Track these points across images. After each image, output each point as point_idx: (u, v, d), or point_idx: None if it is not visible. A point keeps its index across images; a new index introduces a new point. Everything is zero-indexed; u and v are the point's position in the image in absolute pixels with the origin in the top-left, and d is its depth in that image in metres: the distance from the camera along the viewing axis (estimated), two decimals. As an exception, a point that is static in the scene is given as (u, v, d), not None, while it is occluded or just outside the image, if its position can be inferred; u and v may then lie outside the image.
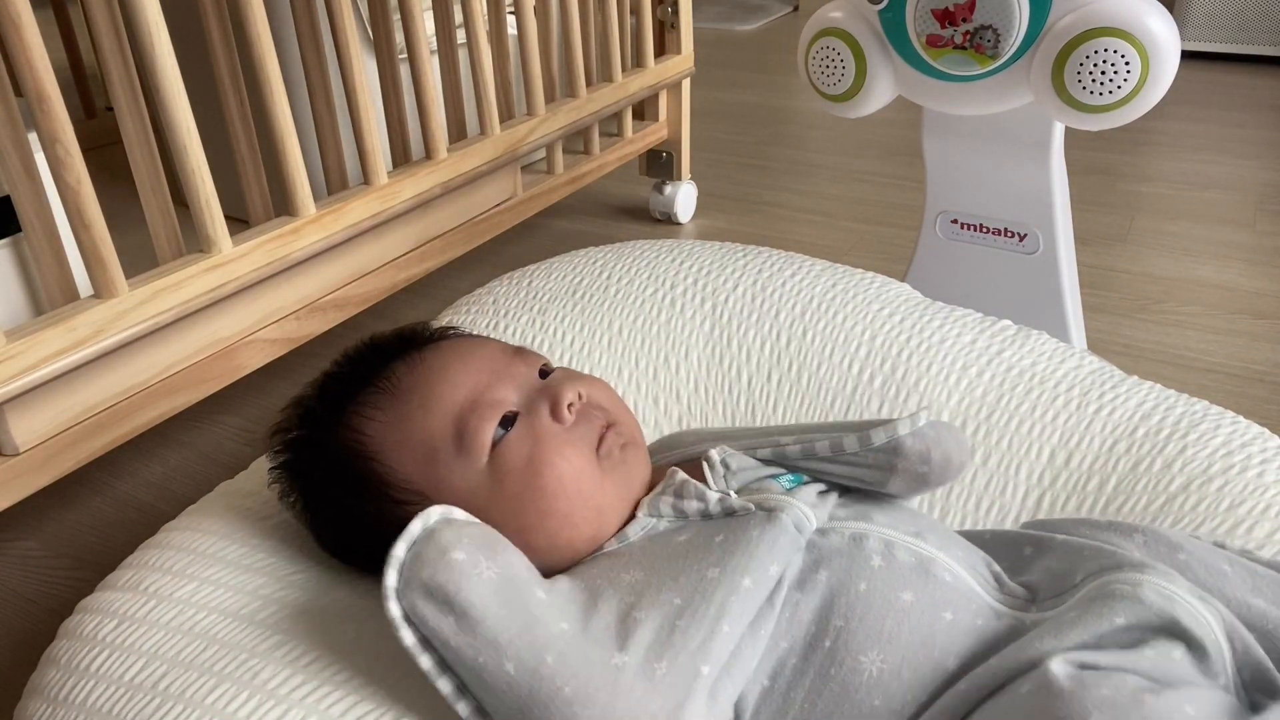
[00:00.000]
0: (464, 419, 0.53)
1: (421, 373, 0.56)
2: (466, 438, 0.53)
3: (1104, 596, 0.48)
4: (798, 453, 0.59)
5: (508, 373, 0.56)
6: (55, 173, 0.71)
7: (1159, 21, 0.71)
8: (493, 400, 0.54)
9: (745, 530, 0.51)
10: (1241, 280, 1.28)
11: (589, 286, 0.85)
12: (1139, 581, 0.48)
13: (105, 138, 1.48)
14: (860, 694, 0.48)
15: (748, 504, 0.54)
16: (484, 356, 0.57)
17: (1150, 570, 0.49)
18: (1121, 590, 0.48)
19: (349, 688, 0.48)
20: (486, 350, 0.58)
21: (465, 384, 0.55)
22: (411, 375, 0.56)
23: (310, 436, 0.57)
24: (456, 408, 0.54)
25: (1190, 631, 0.46)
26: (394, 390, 0.55)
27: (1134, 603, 0.47)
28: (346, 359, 0.60)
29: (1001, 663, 0.47)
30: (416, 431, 0.54)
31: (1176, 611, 0.46)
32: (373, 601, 0.55)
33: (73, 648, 0.53)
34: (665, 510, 0.55)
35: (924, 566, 0.51)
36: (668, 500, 0.55)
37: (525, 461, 0.53)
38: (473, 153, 1.09)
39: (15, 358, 0.70)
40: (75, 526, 0.92)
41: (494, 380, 0.55)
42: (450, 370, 0.55)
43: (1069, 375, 0.72)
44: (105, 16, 0.75)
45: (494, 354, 0.57)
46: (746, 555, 0.49)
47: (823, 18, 0.85)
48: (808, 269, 0.84)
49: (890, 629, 0.49)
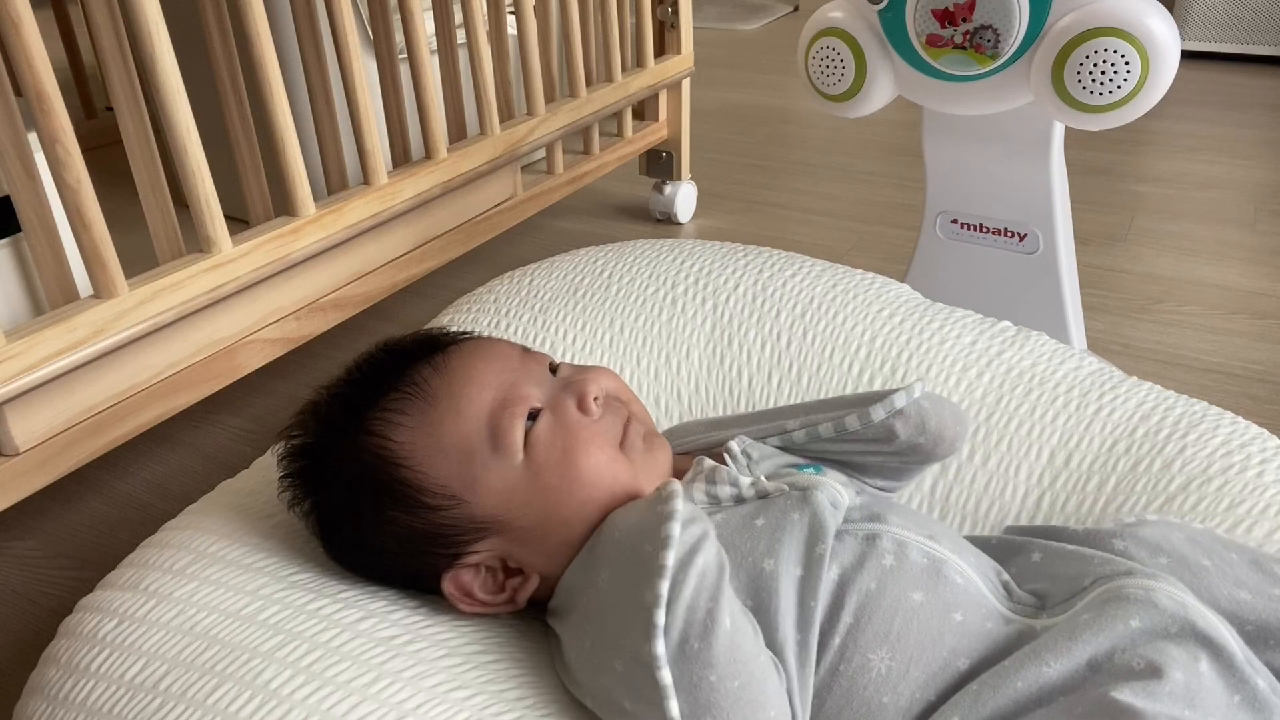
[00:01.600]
0: (496, 418, 0.54)
1: (447, 376, 0.56)
2: (500, 436, 0.54)
3: (1117, 599, 0.48)
4: (803, 437, 0.61)
5: (525, 370, 0.57)
6: (55, 173, 0.71)
7: (1159, 21, 0.71)
8: (520, 396, 0.55)
9: (786, 514, 0.52)
10: (1241, 280, 1.28)
11: (590, 286, 0.85)
12: (1151, 587, 0.48)
13: (105, 138, 1.48)
14: (868, 691, 0.48)
15: (781, 485, 0.55)
16: (502, 356, 0.58)
17: (1161, 578, 0.49)
18: (1135, 594, 0.48)
19: (351, 688, 0.48)
20: (502, 349, 0.59)
21: (492, 383, 0.55)
22: (437, 378, 0.56)
23: (329, 444, 0.56)
24: (487, 408, 0.54)
25: (1208, 635, 0.46)
26: (421, 395, 0.55)
27: (1148, 606, 0.47)
28: (363, 364, 0.59)
29: (1015, 665, 0.47)
30: (449, 434, 0.54)
31: (1190, 615, 0.47)
32: (375, 600, 0.55)
33: (73, 647, 0.53)
34: (699, 497, 0.56)
35: (936, 568, 0.51)
36: (700, 487, 0.57)
37: (561, 453, 0.54)
38: (473, 153, 1.09)
39: (15, 358, 0.70)
40: (75, 526, 0.92)
41: (517, 378, 0.56)
42: (476, 371, 0.56)
43: (1069, 376, 0.72)
44: (105, 16, 0.75)
45: (509, 353, 0.59)
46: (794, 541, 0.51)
47: (823, 18, 0.85)
48: (808, 269, 0.84)
49: (899, 628, 0.49)
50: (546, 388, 0.57)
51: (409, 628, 0.54)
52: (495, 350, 0.59)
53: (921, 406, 0.59)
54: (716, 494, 0.56)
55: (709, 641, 0.44)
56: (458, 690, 0.51)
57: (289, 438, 0.58)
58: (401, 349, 0.59)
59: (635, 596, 0.46)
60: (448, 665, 0.52)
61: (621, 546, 0.50)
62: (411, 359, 0.58)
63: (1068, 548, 0.54)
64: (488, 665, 0.53)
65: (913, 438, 0.59)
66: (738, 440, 0.61)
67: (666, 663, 0.44)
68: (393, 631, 0.53)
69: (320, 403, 0.58)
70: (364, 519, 0.55)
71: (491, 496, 0.54)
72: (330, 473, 0.56)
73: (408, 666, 0.51)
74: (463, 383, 0.55)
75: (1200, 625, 0.47)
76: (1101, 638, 0.47)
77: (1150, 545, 0.53)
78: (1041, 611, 0.51)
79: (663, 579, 0.45)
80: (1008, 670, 0.47)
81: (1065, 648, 0.47)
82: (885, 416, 0.58)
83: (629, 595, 0.47)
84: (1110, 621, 0.47)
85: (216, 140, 0.89)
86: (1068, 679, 0.46)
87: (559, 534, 0.54)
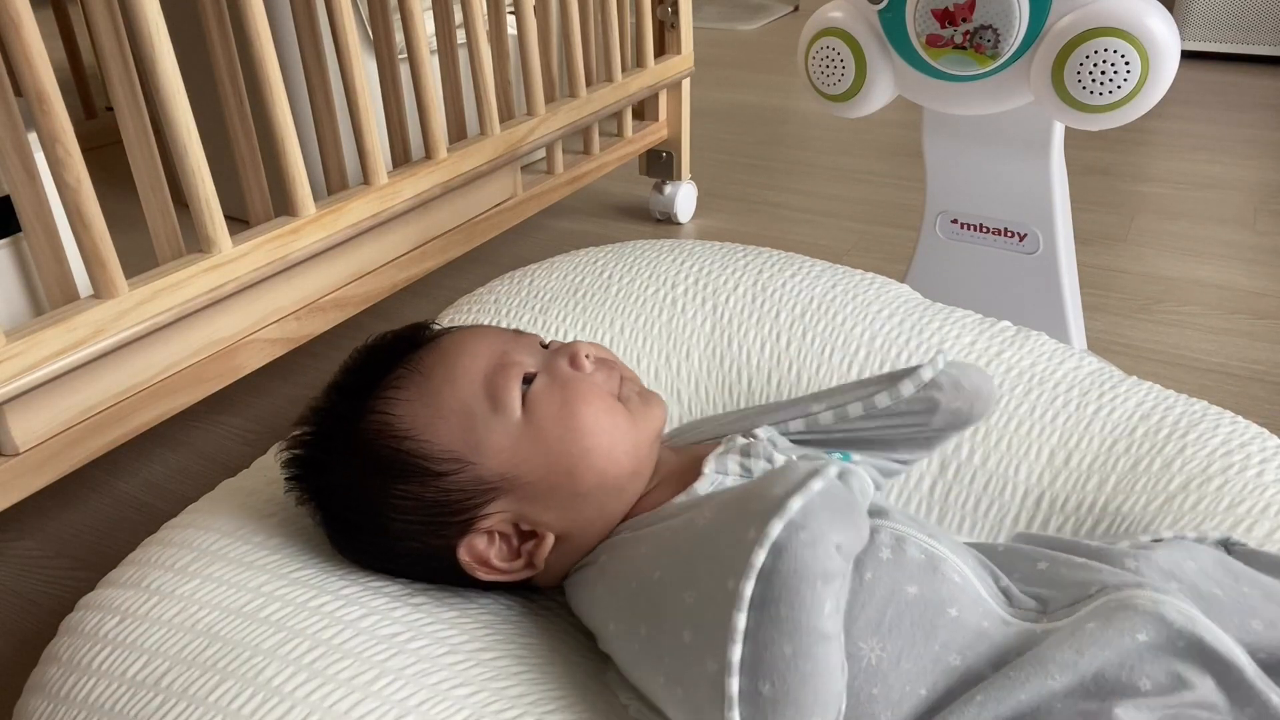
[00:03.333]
0: (491, 379, 0.56)
1: (439, 353, 0.58)
2: (497, 395, 0.55)
3: (1124, 609, 0.47)
4: (830, 419, 0.62)
5: (516, 342, 0.59)
6: (55, 173, 0.71)
7: (1159, 21, 0.71)
8: (513, 361, 0.57)
9: None
10: (1241, 280, 1.28)
11: (590, 286, 0.85)
12: (1159, 600, 0.47)
13: (105, 138, 1.48)
14: (857, 682, 0.48)
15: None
16: (494, 334, 0.60)
17: (1171, 593, 0.49)
18: (1143, 605, 0.47)
19: (353, 685, 0.48)
20: (493, 330, 0.62)
21: (484, 353, 0.58)
22: (430, 355, 0.58)
23: (333, 431, 0.57)
24: (481, 373, 0.56)
25: (1215, 651, 0.45)
26: (418, 370, 0.57)
27: (1155, 619, 0.46)
28: (359, 353, 0.61)
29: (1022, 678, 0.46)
30: (448, 401, 0.56)
31: (1199, 631, 0.46)
32: (377, 597, 0.55)
33: (74, 644, 0.53)
34: (732, 468, 0.57)
35: (933, 564, 0.51)
36: (734, 458, 0.57)
37: (559, 405, 0.56)
38: (473, 153, 1.09)
39: (15, 358, 0.70)
40: (75, 526, 0.92)
41: (509, 348, 0.58)
42: (468, 344, 0.58)
43: (1068, 376, 0.72)
44: (105, 16, 0.75)
45: (500, 331, 0.61)
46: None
47: (823, 18, 0.85)
48: (808, 269, 0.84)
49: (891, 619, 0.49)
50: (539, 356, 0.59)
51: (411, 625, 0.54)
52: (486, 330, 0.62)
53: (949, 373, 0.60)
54: (750, 467, 0.57)
55: (797, 618, 0.43)
56: (460, 687, 0.51)
57: (293, 436, 0.59)
58: (395, 336, 0.62)
59: (738, 532, 0.45)
60: (450, 662, 0.52)
61: (735, 493, 0.50)
62: (406, 344, 0.60)
63: (1076, 559, 0.54)
64: (490, 662, 0.53)
65: (951, 402, 0.60)
66: (764, 429, 0.62)
67: (746, 607, 0.43)
68: (395, 629, 0.53)
69: (320, 398, 0.60)
70: (373, 500, 0.55)
71: (496, 455, 0.55)
72: (337, 460, 0.57)
73: (410, 664, 0.51)
74: (456, 354, 0.58)
75: (1208, 640, 0.46)
76: (1109, 651, 0.46)
77: (1163, 571, 0.52)
78: (1043, 615, 0.50)
79: (779, 517, 0.44)
80: (1013, 682, 0.46)
81: (1071, 661, 0.46)
82: (914, 391, 0.60)
83: (729, 532, 0.45)
84: (1117, 635, 0.46)
85: (216, 140, 0.89)
86: (1072, 691, 0.46)
87: (566, 487, 0.55)
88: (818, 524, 0.44)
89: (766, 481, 0.47)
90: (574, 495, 0.55)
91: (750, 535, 0.44)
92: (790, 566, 0.43)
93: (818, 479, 0.45)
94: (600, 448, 0.55)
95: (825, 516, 0.44)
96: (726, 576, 0.44)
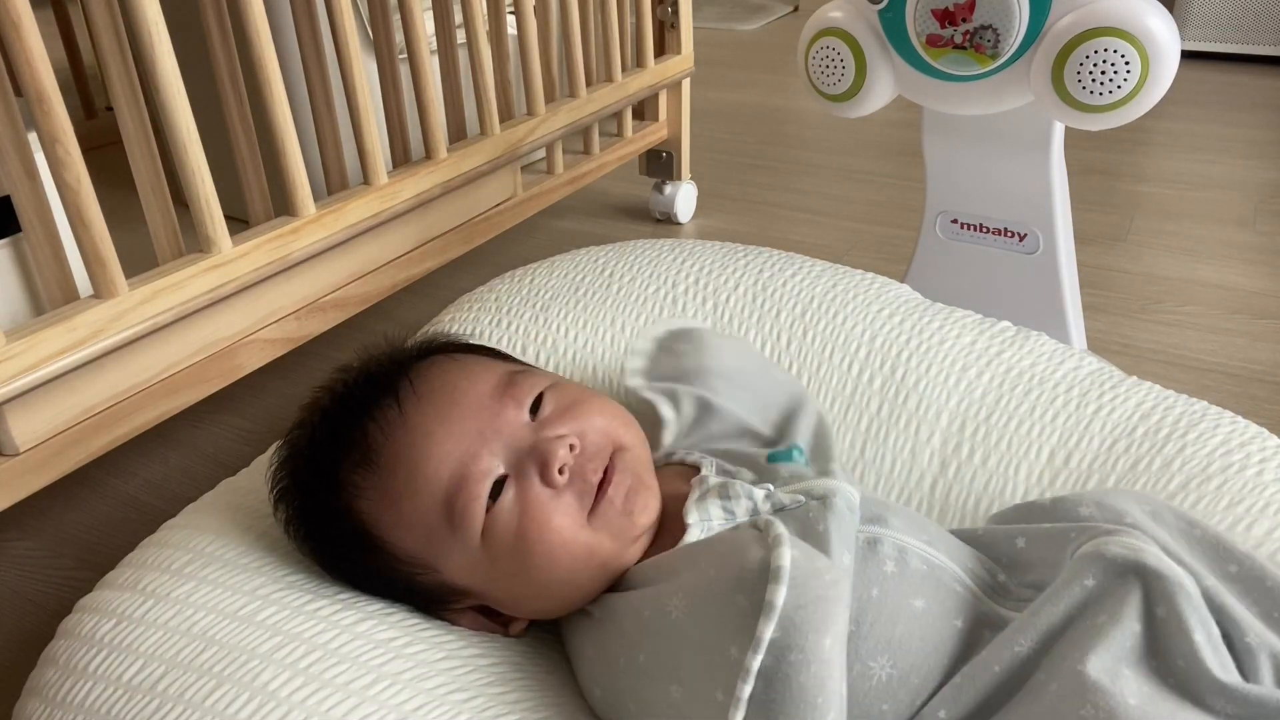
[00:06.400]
0: (452, 500, 0.51)
1: (402, 441, 0.52)
2: (457, 518, 0.52)
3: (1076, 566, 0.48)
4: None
5: (493, 427, 0.53)
6: (55, 173, 0.71)
7: (1159, 21, 0.71)
8: (479, 473, 0.52)
9: (812, 526, 0.51)
10: (1241, 280, 1.28)
11: (591, 285, 0.85)
12: (1106, 542, 0.48)
13: (105, 138, 1.47)
14: (868, 699, 0.47)
15: (796, 495, 0.53)
16: (468, 406, 0.53)
17: (1122, 532, 0.49)
18: (1088, 551, 0.48)
19: (349, 690, 0.48)
20: (472, 395, 0.54)
21: (450, 454, 0.52)
22: (391, 445, 0.53)
23: (307, 504, 0.56)
24: (443, 488, 0.51)
25: (1158, 571, 0.46)
26: (376, 464, 0.53)
27: (1099, 559, 0.47)
28: (322, 415, 0.56)
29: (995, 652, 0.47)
30: (408, 512, 0.52)
31: (1143, 558, 0.46)
32: (373, 602, 0.55)
33: (71, 647, 0.53)
34: (715, 514, 0.53)
35: (935, 575, 0.51)
36: (716, 503, 0.54)
37: (514, 537, 0.51)
38: (473, 153, 1.09)
39: (15, 358, 0.70)
40: (75, 526, 0.92)
41: (479, 444, 0.52)
42: (433, 438, 0.52)
43: (1068, 376, 0.72)
44: (105, 16, 0.75)
45: (480, 398, 0.54)
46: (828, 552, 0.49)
47: (823, 18, 0.85)
48: (808, 269, 0.84)
49: (901, 635, 0.48)
50: (515, 444, 0.52)
51: (408, 630, 0.54)
52: (459, 399, 0.53)
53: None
54: (733, 509, 0.54)
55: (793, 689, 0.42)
56: (456, 693, 0.51)
57: (275, 479, 0.58)
58: (354, 399, 0.55)
59: (720, 641, 0.43)
60: (446, 668, 0.52)
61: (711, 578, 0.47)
62: (364, 411, 0.54)
63: (1044, 527, 0.54)
64: (486, 668, 0.53)
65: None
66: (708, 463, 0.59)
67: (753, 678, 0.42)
68: (391, 634, 0.53)
69: (290, 458, 0.57)
70: (353, 565, 0.56)
71: (459, 572, 0.53)
72: (314, 525, 0.56)
73: (406, 669, 0.51)
74: (419, 454, 0.52)
75: (1150, 563, 0.46)
76: (1060, 605, 0.47)
77: (1114, 512, 0.53)
78: None
79: (755, 652, 0.42)
80: (985, 660, 0.47)
81: (1031, 623, 0.47)
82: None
83: (711, 636, 0.44)
84: (1067, 587, 0.47)
85: (216, 140, 0.89)
86: (1036, 653, 0.46)
87: (539, 599, 0.54)
88: (802, 638, 0.42)
89: (733, 578, 0.45)
90: (545, 597, 0.54)
91: (733, 654, 0.43)
92: (784, 694, 0.42)
93: (782, 569, 0.43)
94: (558, 578, 0.52)
95: (811, 620, 0.42)
96: (714, 689, 0.43)
